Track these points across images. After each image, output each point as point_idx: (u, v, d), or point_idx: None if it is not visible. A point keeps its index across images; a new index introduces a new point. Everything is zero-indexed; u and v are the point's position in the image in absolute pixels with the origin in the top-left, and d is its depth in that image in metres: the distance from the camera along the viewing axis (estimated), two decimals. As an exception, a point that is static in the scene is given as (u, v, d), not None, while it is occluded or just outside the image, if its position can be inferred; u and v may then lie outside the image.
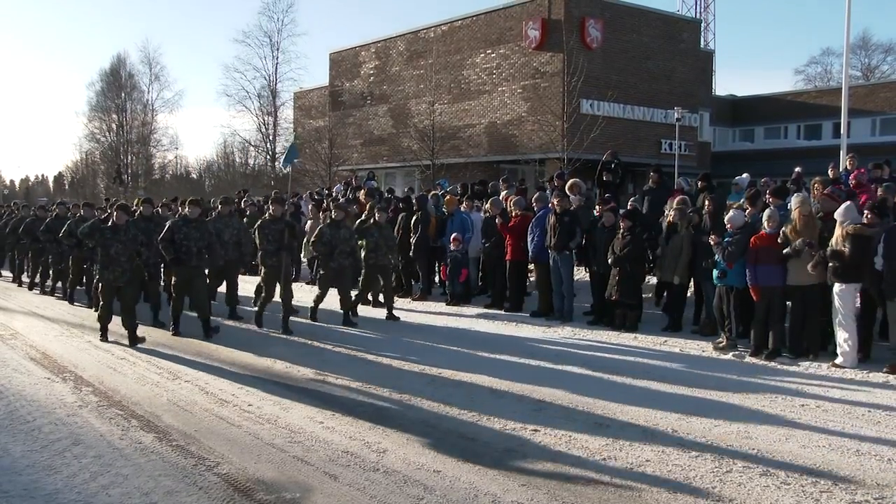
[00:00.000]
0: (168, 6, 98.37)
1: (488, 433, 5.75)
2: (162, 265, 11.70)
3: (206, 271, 10.66)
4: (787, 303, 8.77)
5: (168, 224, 10.35)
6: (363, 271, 11.82)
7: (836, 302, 8.10)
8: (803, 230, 8.40)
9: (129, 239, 9.59)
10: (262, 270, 10.66)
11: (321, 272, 11.43)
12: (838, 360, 8.08)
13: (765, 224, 8.70)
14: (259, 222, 10.88)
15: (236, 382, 7.58)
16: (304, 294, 13.43)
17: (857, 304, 8.16)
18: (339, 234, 10.99)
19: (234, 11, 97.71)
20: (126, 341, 9.52)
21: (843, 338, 8.07)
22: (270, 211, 10.90)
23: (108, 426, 6.05)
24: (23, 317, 12.17)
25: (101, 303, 9.79)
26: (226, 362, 8.56)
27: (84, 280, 13.59)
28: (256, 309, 10.88)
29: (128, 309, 9.54)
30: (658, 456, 5.35)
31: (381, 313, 11.72)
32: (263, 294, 10.73)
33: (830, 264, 8.12)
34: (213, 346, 9.45)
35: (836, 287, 8.08)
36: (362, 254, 11.72)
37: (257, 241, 10.66)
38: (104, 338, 9.63)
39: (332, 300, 11.20)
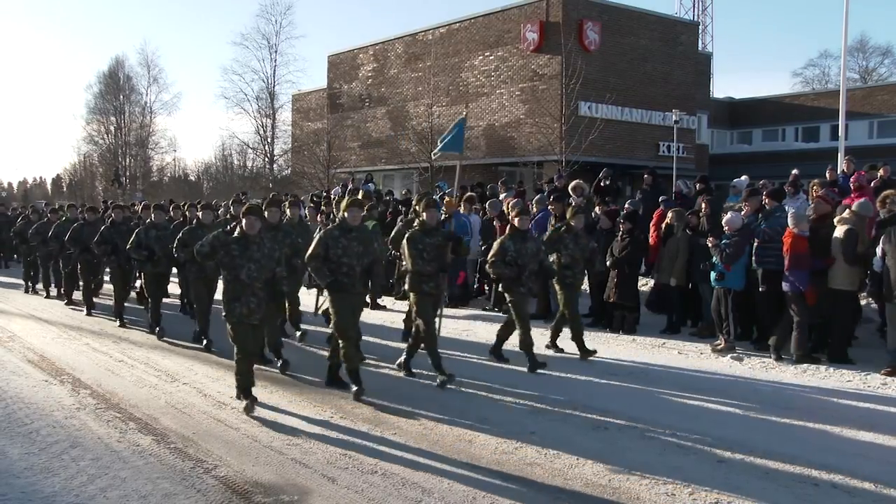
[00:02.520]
0: (166, 8, 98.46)
1: (486, 435, 5.74)
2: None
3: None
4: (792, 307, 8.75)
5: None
6: (560, 293, 9.02)
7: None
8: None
9: (264, 255, 6.66)
10: (413, 299, 7.68)
11: (511, 299, 8.23)
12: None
13: (792, 226, 8.48)
14: (408, 234, 7.76)
15: (234, 385, 7.56)
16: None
17: None
18: (525, 247, 8.18)
19: (232, 14, 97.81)
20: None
21: None
22: (422, 217, 7.74)
23: (106, 429, 6.04)
24: (21, 319, 12.15)
25: (240, 358, 6.65)
26: (224, 365, 8.55)
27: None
28: (404, 356, 7.95)
29: (254, 350, 7.05)
30: (657, 457, 5.35)
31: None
32: (421, 333, 7.60)
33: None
34: (214, 352, 9.42)
35: None
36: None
37: (407, 260, 7.71)
38: (251, 407, 6.55)
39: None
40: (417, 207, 9.09)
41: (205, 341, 9.42)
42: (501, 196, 13.81)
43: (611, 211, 11.43)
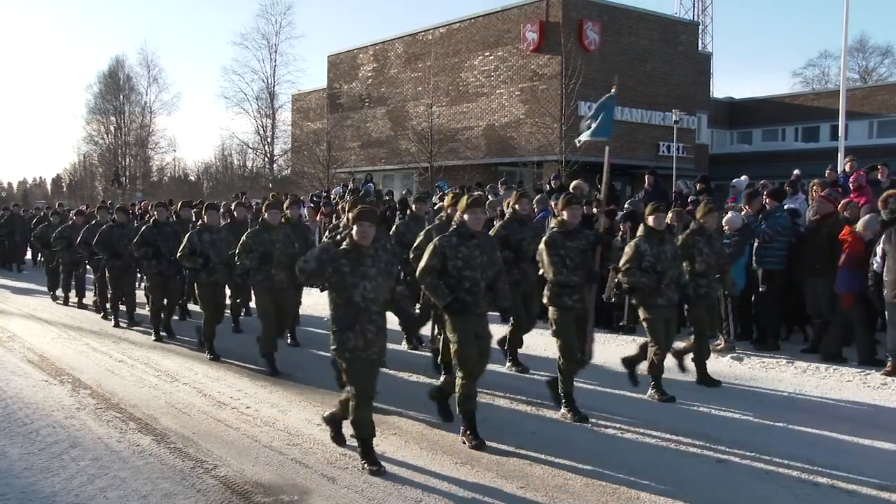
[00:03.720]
0: (166, 8, 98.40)
1: (486, 436, 5.74)
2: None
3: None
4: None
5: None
6: (690, 307, 7.71)
7: None
8: None
9: (381, 272, 5.30)
10: (552, 315, 6.46)
11: (646, 315, 7.05)
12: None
13: (860, 229, 8.20)
14: (547, 238, 6.50)
15: (234, 385, 7.58)
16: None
17: None
18: (663, 251, 7.04)
19: (232, 14, 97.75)
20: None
21: None
22: (562, 217, 6.49)
23: (106, 429, 6.04)
24: (20, 319, 12.15)
25: (358, 403, 5.19)
26: (223, 365, 8.56)
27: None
28: (561, 388, 6.42)
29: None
30: (656, 458, 5.35)
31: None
32: (561, 356, 6.40)
33: None
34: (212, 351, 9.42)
35: None
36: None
37: (546, 269, 6.44)
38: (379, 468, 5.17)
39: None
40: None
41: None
42: (500, 196, 13.79)
43: (609, 210, 11.41)
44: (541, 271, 6.73)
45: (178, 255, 9.03)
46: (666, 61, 27.01)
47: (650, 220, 7.14)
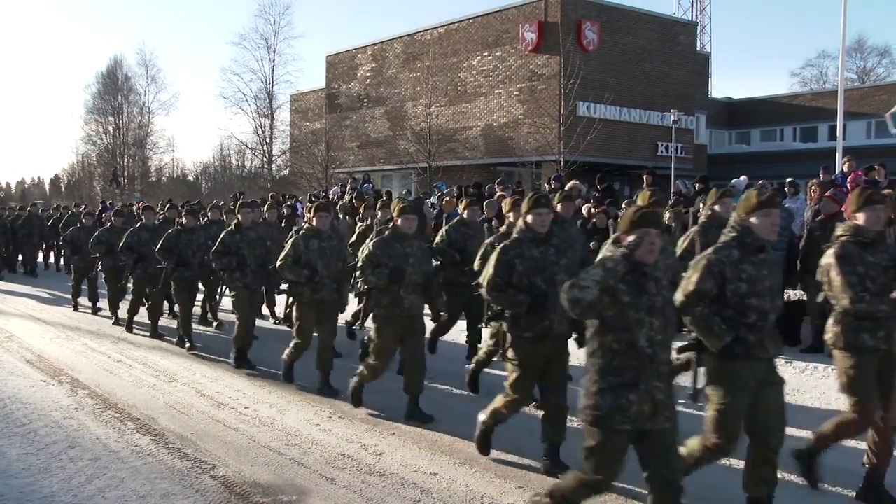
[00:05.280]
0: (165, 8, 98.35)
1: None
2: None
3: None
4: None
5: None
6: None
7: None
8: None
9: (666, 302, 3.86)
10: (846, 360, 4.79)
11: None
12: None
13: None
14: (837, 249, 4.57)
15: (233, 385, 7.57)
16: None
17: None
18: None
19: (230, 14, 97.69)
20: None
21: None
22: (856, 221, 4.62)
23: (104, 429, 6.04)
24: (19, 319, 12.14)
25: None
26: (222, 365, 8.54)
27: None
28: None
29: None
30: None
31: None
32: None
33: None
34: (209, 350, 9.42)
35: None
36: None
37: (838, 291, 4.51)
38: None
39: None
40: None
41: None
42: (497, 196, 13.78)
43: (607, 210, 11.41)
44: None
45: (280, 264, 7.17)
46: (664, 61, 27.05)
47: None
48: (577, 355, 4.92)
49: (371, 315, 6.48)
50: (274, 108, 46.34)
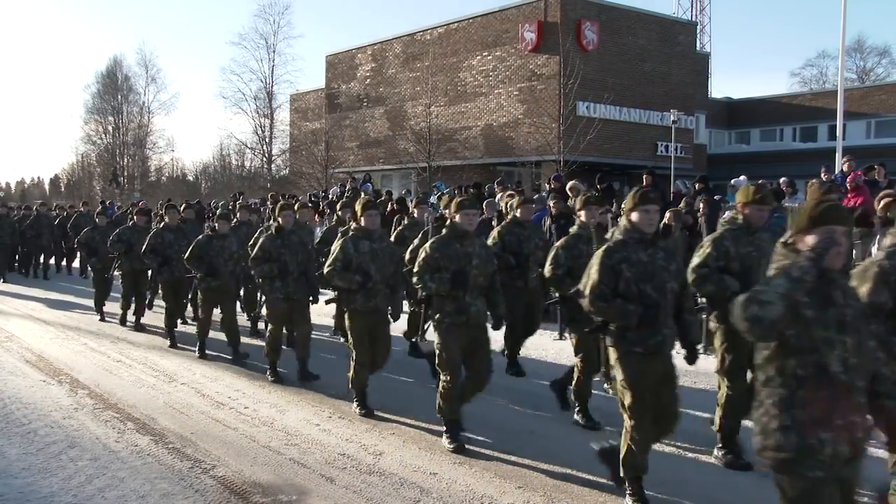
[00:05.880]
0: (164, 8, 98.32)
1: (485, 435, 5.74)
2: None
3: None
4: None
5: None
6: None
7: None
8: None
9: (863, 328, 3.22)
10: None
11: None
12: None
13: None
14: None
15: (232, 385, 7.57)
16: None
17: None
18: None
19: (230, 14, 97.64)
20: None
21: None
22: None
23: (104, 429, 6.03)
24: (18, 319, 12.13)
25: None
26: (222, 365, 8.54)
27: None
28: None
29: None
30: (656, 458, 5.34)
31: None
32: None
33: None
34: (209, 350, 9.41)
35: None
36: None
37: None
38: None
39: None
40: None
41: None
42: (498, 196, 13.78)
43: (608, 210, 11.42)
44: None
45: (328, 270, 6.39)
46: (664, 61, 27.05)
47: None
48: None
49: (432, 325, 5.72)
50: (274, 107, 46.34)
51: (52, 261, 19.25)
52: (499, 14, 26.97)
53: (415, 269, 5.63)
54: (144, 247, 9.71)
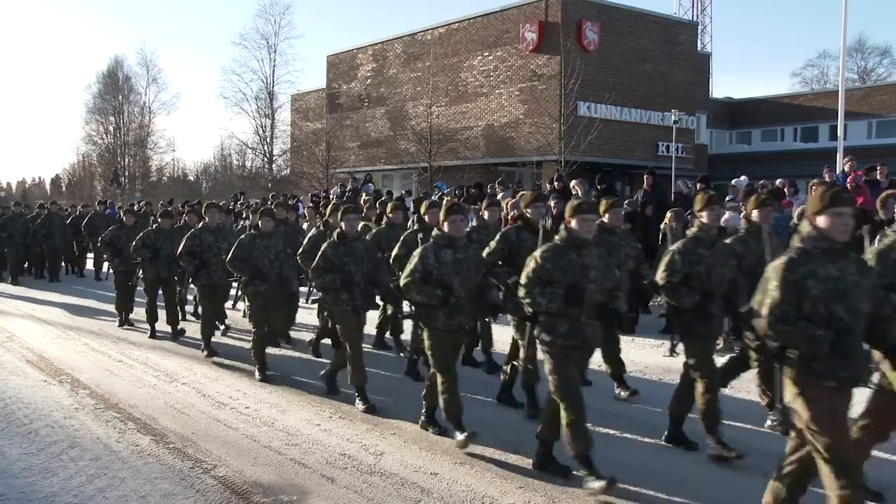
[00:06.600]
0: (165, 8, 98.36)
1: (485, 435, 5.74)
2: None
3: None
4: None
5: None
6: None
7: None
8: None
9: None
10: None
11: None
12: None
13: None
14: None
15: (233, 385, 7.57)
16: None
17: None
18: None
19: (231, 14, 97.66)
20: None
21: None
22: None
23: (105, 429, 6.04)
24: (19, 319, 12.14)
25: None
26: (222, 366, 8.55)
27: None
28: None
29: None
30: (656, 458, 5.35)
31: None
32: None
33: None
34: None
35: None
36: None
37: None
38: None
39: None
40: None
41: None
42: (499, 196, 13.77)
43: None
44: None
45: (404, 282, 5.61)
46: (665, 61, 27.03)
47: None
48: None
49: (539, 348, 5.00)
50: (274, 107, 46.34)
51: (64, 262, 18.54)
52: (500, 14, 26.95)
53: (521, 282, 4.87)
54: (181, 248, 9.05)
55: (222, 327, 10.36)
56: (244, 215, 15.16)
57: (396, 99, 30.73)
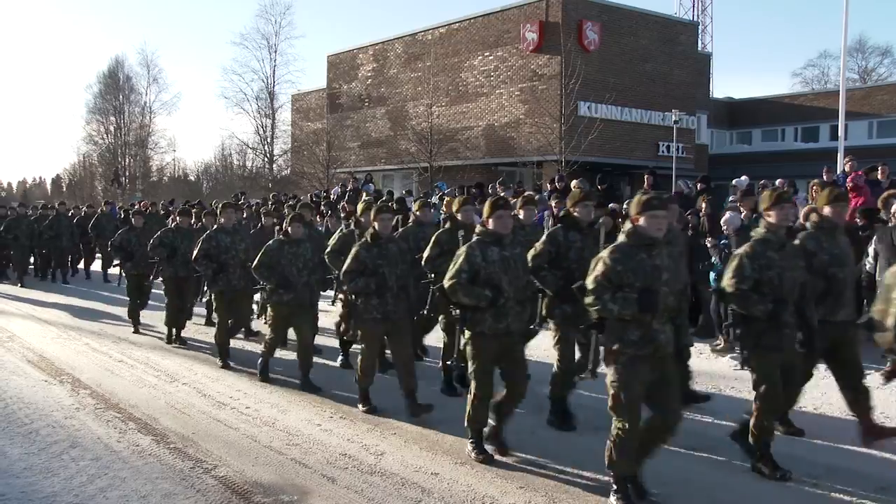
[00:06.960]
0: (166, 8, 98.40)
1: (486, 435, 5.73)
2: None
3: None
4: None
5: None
6: None
7: None
8: None
9: None
10: None
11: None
12: None
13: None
14: None
15: (234, 385, 7.58)
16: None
17: None
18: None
19: (231, 14, 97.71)
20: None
21: None
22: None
23: (105, 429, 6.04)
24: (20, 319, 12.14)
25: None
26: (223, 366, 8.54)
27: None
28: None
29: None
30: (656, 458, 5.34)
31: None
32: None
33: None
34: (210, 350, 9.41)
35: None
36: None
37: None
38: None
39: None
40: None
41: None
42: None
43: (612, 211, 11.41)
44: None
45: (450, 283, 5.23)
46: (665, 61, 27.03)
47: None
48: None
49: (605, 356, 4.55)
50: (275, 107, 46.40)
51: (70, 263, 17.98)
52: (500, 14, 26.96)
53: (589, 286, 4.40)
54: (196, 251, 8.45)
55: (244, 331, 9.87)
56: (244, 215, 15.11)
57: (397, 99, 30.74)
